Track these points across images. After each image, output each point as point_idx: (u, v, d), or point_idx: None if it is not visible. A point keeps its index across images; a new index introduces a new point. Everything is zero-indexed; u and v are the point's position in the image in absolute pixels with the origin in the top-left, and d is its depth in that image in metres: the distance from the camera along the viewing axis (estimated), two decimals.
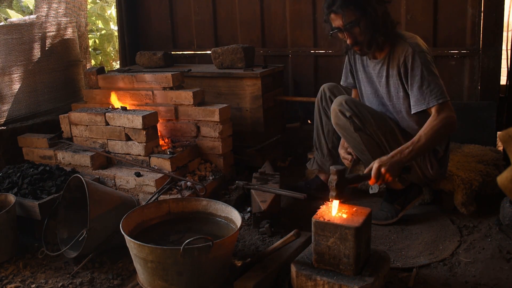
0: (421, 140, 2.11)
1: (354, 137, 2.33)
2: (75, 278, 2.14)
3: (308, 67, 3.87)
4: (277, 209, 2.57)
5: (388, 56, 2.32)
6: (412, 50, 2.22)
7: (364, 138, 2.32)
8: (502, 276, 2.01)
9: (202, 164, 3.06)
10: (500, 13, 3.08)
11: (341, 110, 2.31)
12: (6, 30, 3.47)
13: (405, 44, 2.26)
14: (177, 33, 4.39)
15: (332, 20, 2.27)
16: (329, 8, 2.23)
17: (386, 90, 2.38)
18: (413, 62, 2.21)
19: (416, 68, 2.20)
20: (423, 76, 2.19)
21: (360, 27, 2.21)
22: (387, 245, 2.32)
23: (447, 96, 2.17)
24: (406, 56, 2.23)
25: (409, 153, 2.09)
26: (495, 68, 3.16)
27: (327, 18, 2.29)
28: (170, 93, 3.08)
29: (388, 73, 2.34)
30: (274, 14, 3.93)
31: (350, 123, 2.30)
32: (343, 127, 2.35)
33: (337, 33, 2.28)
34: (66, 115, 3.14)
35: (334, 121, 2.39)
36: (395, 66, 2.29)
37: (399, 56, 2.27)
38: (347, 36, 2.26)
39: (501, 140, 1.46)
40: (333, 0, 2.21)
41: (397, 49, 2.28)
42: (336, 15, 2.22)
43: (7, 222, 2.31)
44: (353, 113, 2.29)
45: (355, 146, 2.38)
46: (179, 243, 1.82)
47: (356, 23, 2.20)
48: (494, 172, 2.62)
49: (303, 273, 1.80)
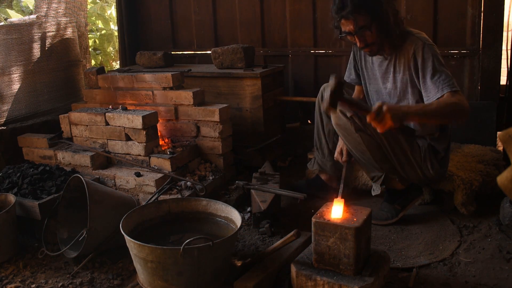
0: (433, 105, 2.09)
1: (354, 138, 2.31)
2: (75, 278, 2.14)
3: (308, 67, 3.87)
4: (277, 209, 2.57)
5: (396, 52, 2.32)
6: (422, 42, 2.22)
7: (365, 138, 2.29)
8: (502, 276, 2.01)
9: (202, 164, 3.06)
10: (500, 13, 3.08)
11: (341, 110, 2.28)
12: (6, 30, 3.47)
13: (414, 38, 2.26)
14: (177, 33, 4.39)
15: (342, 25, 2.24)
16: (339, 13, 2.19)
17: (393, 86, 2.37)
18: (424, 54, 2.20)
19: (427, 59, 2.19)
20: (435, 66, 2.18)
21: (371, 31, 2.19)
22: (387, 245, 2.32)
23: (458, 88, 2.16)
24: (416, 49, 2.23)
25: (416, 110, 2.08)
26: (495, 68, 3.16)
27: (338, 24, 2.25)
28: (170, 93, 3.08)
29: (395, 69, 2.34)
30: (274, 14, 3.93)
31: (351, 124, 2.28)
32: (343, 127, 2.32)
33: (346, 36, 2.26)
34: (66, 115, 3.14)
35: (334, 121, 2.36)
36: (404, 61, 2.28)
37: (408, 50, 2.26)
38: (357, 40, 2.24)
39: (501, 140, 1.46)
40: (343, 5, 2.16)
41: (405, 44, 2.28)
42: (347, 20, 2.19)
43: (7, 222, 2.31)
44: (354, 113, 2.27)
45: (356, 147, 2.36)
46: (179, 243, 1.81)
47: (368, 27, 2.18)
48: (494, 172, 2.62)
49: (303, 273, 1.80)
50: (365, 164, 2.44)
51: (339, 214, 1.83)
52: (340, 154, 2.52)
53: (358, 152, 2.38)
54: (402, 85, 2.34)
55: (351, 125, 2.28)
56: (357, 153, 2.39)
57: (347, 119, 2.28)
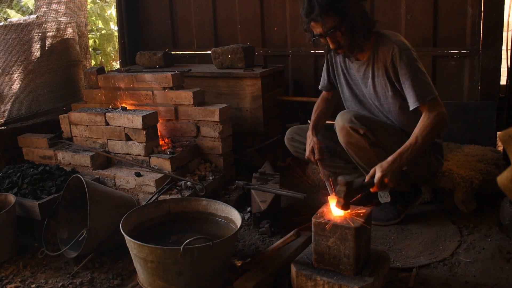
0: (418, 141, 2.11)
1: (368, 153, 2.28)
2: (75, 278, 2.14)
3: (308, 67, 3.86)
4: (277, 209, 2.57)
5: (373, 56, 2.30)
6: (398, 49, 2.21)
7: (379, 152, 2.27)
8: (502, 276, 2.01)
9: (202, 164, 3.06)
10: (500, 13, 3.08)
11: (353, 127, 2.23)
12: (6, 30, 3.47)
13: (390, 43, 2.25)
14: (177, 33, 4.39)
15: (312, 28, 2.24)
16: (308, 17, 2.20)
17: (373, 90, 2.36)
18: (401, 61, 2.20)
19: (405, 66, 2.20)
20: (413, 74, 2.18)
21: (341, 31, 2.19)
22: (387, 245, 2.31)
23: (436, 92, 2.18)
24: (393, 55, 2.22)
25: (407, 157, 2.09)
26: (495, 68, 3.16)
27: (308, 27, 2.26)
28: (170, 93, 3.08)
29: (373, 74, 2.33)
30: (274, 14, 3.93)
31: (365, 140, 2.24)
32: (356, 144, 2.27)
33: (319, 39, 2.26)
34: (66, 115, 3.14)
35: (344, 139, 2.29)
36: (382, 66, 2.28)
37: (385, 56, 2.25)
38: (329, 42, 2.24)
39: (501, 140, 1.46)
40: (311, 8, 2.17)
41: (381, 49, 2.27)
42: (316, 23, 2.19)
43: (7, 222, 2.31)
44: (367, 128, 2.23)
45: (368, 162, 2.31)
46: (179, 243, 1.82)
47: (337, 28, 2.18)
48: (494, 171, 2.62)
49: (303, 273, 1.80)
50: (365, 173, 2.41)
51: (338, 210, 1.84)
52: (312, 153, 2.48)
53: (368, 166, 2.31)
54: (381, 89, 2.33)
55: (365, 142, 2.25)
56: (367, 167, 2.33)
57: (360, 136, 2.24)
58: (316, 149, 2.44)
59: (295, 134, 2.71)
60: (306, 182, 3.02)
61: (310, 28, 2.25)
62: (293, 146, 2.71)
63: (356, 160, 2.38)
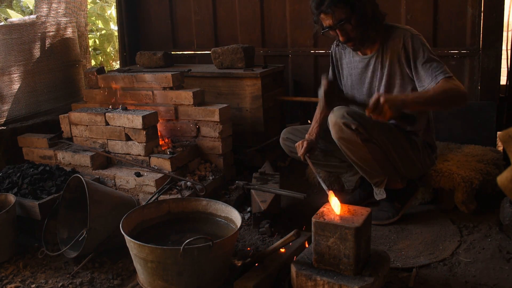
0: (429, 92, 2.08)
1: (360, 149, 2.27)
2: (75, 278, 2.14)
3: (308, 67, 3.87)
4: (277, 209, 2.57)
5: (382, 48, 2.31)
6: (410, 33, 2.23)
7: (371, 147, 2.27)
8: (502, 276, 2.01)
9: (202, 164, 3.06)
10: (500, 13, 3.08)
11: (345, 123, 2.21)
12: (6, 30, 3.47)
13: (401, 30, 2.26)
14: (177, 33, 4.40)
15: (322, 20, 2.24)
16: (318, 9, 2.20)
17: (380, 81, 2.37)
18: (414, 44, 2.21)
19: (418, 49, 2.20)
20: (426, 55, 2.18)
21: (351, 24, 2.19)
22: (387, 245, 2.31)
23: (451, 74, 2.15)
24: (405, 40, 2.23)
25: (414, 98, 2.07)
26: (495, 68, 3.16)
27: (317, 19, 2.26)
28: (170, 93, 3.08)
29: (382, 65, 2.33)
30: (274, 14, 3.93)
31: (357, 135, 2.22)
32: (348, 140, 2.26)
33: (329, 31, 2.26)
34: (66, 115, 3.14)
35: (337, 135, 2.28)
36: (392, 54, 2.28)
37: (396, 43, 2.26)
38: (339, 34, 2.24)
39: (501, 140, 1.46)
40: (321, 0, 2.18)
41: (392, 38, 2.28)
42: (326, 14, 2.20)
43: (7, 222, 2.31)
44: (359, 123, 2.21)
45: (360, 157, 2.32)
46: (179, 243, 1.81)
47: (347, 20, 2.18)
48: (494, 171, 2.62)
49: (303, 273, 1.80)
50: (368, 172, 2.42)
51: (338, 205, 1.84)
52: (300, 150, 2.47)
53: (361, 161, 2.34)
54: (389, 78, 2.33)
55: (356, 137, 2.23)
56: (360, 162, 2.35)
57: (352, 132, 2.22)
58: (302, 145, 2.44)
59: (289, 134, 2.72)
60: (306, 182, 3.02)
61: (320, 20, 2.26)
62: (287, 146, 2.72)
63: (349, 156, 2.36)
